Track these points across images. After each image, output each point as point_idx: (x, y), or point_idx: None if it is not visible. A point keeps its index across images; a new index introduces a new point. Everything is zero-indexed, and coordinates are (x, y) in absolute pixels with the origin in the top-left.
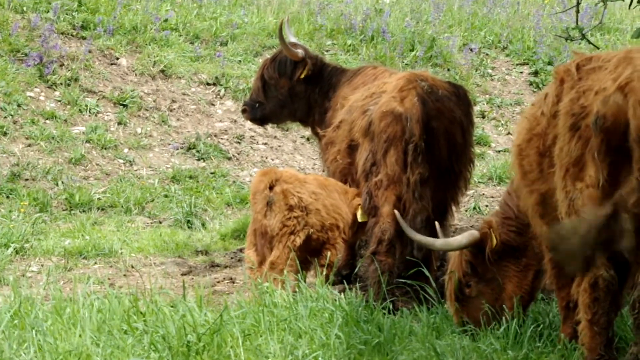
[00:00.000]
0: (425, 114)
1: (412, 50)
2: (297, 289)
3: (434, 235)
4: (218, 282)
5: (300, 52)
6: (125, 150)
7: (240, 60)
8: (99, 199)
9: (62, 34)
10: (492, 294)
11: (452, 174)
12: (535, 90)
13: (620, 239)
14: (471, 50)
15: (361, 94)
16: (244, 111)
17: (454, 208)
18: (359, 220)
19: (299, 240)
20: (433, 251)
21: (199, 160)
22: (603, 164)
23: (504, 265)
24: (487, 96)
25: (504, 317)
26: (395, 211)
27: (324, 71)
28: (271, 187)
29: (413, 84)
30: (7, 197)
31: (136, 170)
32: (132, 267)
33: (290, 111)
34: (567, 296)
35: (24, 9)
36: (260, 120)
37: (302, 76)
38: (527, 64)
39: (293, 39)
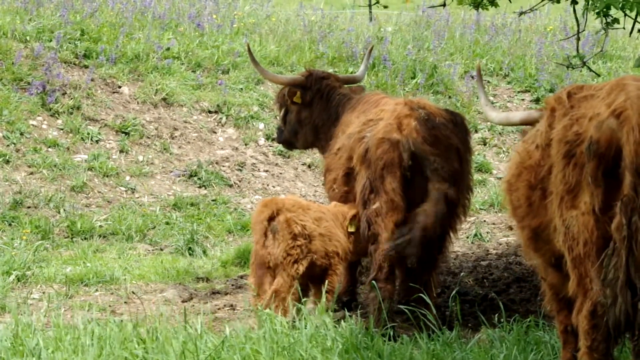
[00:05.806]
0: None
1: (413, 77)
2: (296, 316)
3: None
4: (219, 309)
5: (287, 77)
6: (127, 177)
7: (241, 89)
8: (100, 226)
9: (65, 62)
10: None
11: (450, 201)
12: None
13: None
14: (472, 77)
15: (359, 121)
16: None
17: (452, 235)
18: (348, 230)
19: (302, 268)
20: (433, 278)
21: (200, 187)
22: (597, 190)
23: None
24: (489, 123)
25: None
26: None
27: (331, 98)
28: (273, 218)
29: (410, 111)
30: (10, 224)
31: (138, 197)
32: (133, 294)
33: (302, 136)
34: (565, 320)
35: (27, 38)
36: (285, 144)
37: (289, 102)
38: (529, 91)
39: (363, 68)
